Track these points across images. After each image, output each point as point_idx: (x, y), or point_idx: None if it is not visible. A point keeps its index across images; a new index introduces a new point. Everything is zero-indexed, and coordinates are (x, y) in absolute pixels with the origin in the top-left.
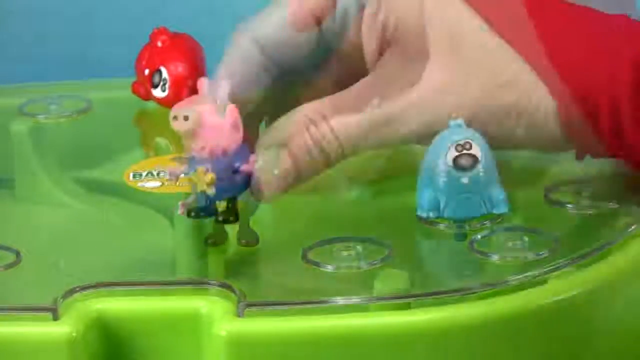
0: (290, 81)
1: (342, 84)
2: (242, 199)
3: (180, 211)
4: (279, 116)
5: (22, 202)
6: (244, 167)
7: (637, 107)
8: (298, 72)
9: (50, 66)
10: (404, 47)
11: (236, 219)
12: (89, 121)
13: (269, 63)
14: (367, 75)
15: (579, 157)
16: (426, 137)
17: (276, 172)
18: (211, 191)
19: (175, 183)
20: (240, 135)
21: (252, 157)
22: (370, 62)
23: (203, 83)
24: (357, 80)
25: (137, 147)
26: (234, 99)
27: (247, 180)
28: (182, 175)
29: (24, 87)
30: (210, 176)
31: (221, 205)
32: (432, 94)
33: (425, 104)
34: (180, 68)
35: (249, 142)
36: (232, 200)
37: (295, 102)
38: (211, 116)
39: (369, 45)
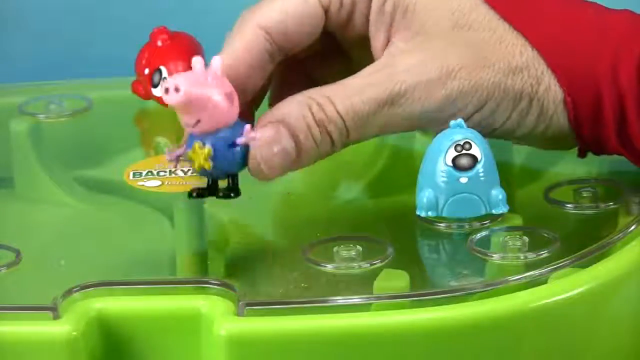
0: (293, 69)
1: (344, 75)
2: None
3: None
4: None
5: (22, 201)
6: (241, 140)
7: None
8: (302, 59)
9: (50, 66)
10: (413, 33)
11: (237, 194)
12: (89, 120)
13: (274, 50)
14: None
15: (581, 154)
16: (435, 121)
17: (276, 149)
18: (209, 165)
19: (175, 166)
20: (236, 108)
21: (247, 127)
22: (377, 53)
23: (197, 62)
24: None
25: (137, 146)
26: (236, 85)
27: (246, 156)
28: (181, 155)
29: (24, 87)
30: (207, 150)
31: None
32: (442, 75)
33: (434, 86)
34: (180, 67)
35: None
36: (233, 177)
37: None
38: (204, 88)
39: (376, 38)
